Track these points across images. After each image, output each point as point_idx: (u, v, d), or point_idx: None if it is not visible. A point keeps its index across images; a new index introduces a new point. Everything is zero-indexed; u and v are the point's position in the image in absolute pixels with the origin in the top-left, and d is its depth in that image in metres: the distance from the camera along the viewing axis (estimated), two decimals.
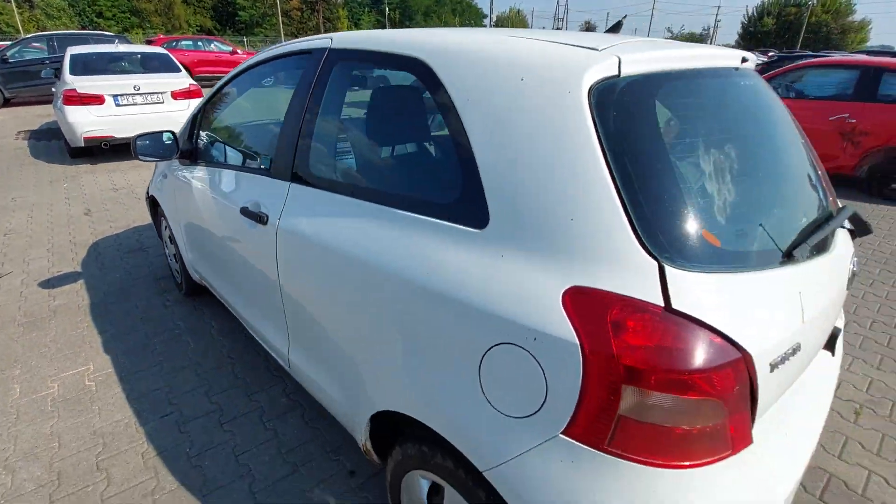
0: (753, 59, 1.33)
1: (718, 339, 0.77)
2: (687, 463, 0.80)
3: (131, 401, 2.15)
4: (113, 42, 10.09)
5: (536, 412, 0.87)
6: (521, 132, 0.95)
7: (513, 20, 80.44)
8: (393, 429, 1.34)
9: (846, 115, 5.22)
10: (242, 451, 1.88)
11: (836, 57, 5.78)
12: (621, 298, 0.80)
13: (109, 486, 1.73)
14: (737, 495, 0.85)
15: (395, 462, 1.30)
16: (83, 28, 37.34)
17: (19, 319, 2.77)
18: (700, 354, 0.76)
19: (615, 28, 1.67)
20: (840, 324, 1.52)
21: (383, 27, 62.26)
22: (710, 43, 74.53)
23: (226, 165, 2.02)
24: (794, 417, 1.11)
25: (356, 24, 63.92)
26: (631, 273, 0.81)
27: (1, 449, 1.87)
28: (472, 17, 72.42)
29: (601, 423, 0.80)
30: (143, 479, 1.75)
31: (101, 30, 39.42)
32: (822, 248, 1.03)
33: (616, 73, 0.93)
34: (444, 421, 1.03)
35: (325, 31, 59.16)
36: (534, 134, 0.94)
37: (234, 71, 2.12)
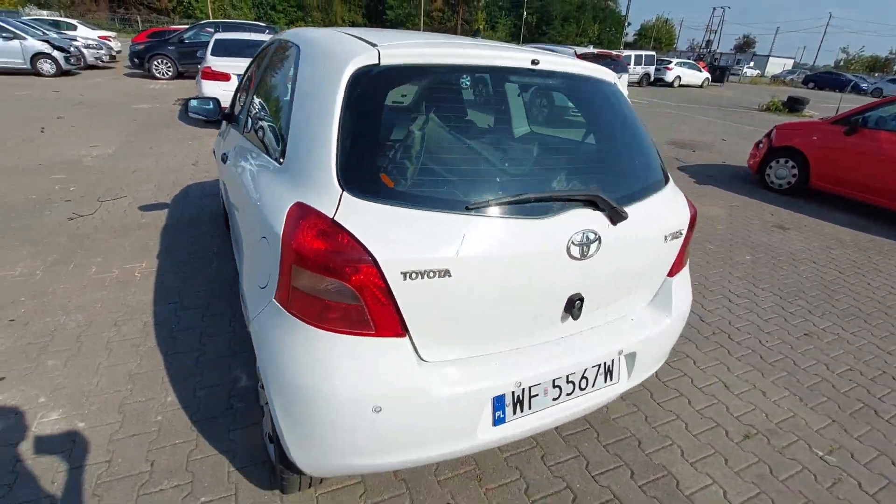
0: (564, 60, 1.55)
1: (354, 244, 1.12)
2: (335, 328, 1.17)
3: (156, 290, 2.93)
4: (263, 31, 12.01)
5: (267, 284, 1.29)
6: (313, 100, 1.36)
7: (658, 29, 75.49)
8: None
9: None
10: (207, 336, 2.52)
11: None
12: (308, 209, 1.18)
13: (116, 335, 2.47)
14: (381, 366, 1.18)
15: None
16: (258, 19, 43.72)
17: (116, 228, 3.79)
18: (339, 251, 1.12)
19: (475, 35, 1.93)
20: (608, 303, 1.57)
21: (519, 31, 62.65)
22: None
23: (234, 125, 2.68)
24: (509, 362, 1.37)
25: (493, 28, 65.24)
26: (325, 196, 1.19)
27: (67, 300, 2.74)
28: (614, 25, 69.41)
29: (285, 292, 1.20)
30: (138, 337, 2.47)
31: (271, 21, 45.52)
32: (531, 213, 1.27)
33: (376, 62, 1.30)
34: (245, 297, 1.49)
35: (462, 32, 61.52)
36: (316, 101, 1.34)
37: (257, 52, 2.76)
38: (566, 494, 1.78)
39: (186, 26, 14.84)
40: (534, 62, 1.45)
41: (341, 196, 1.17)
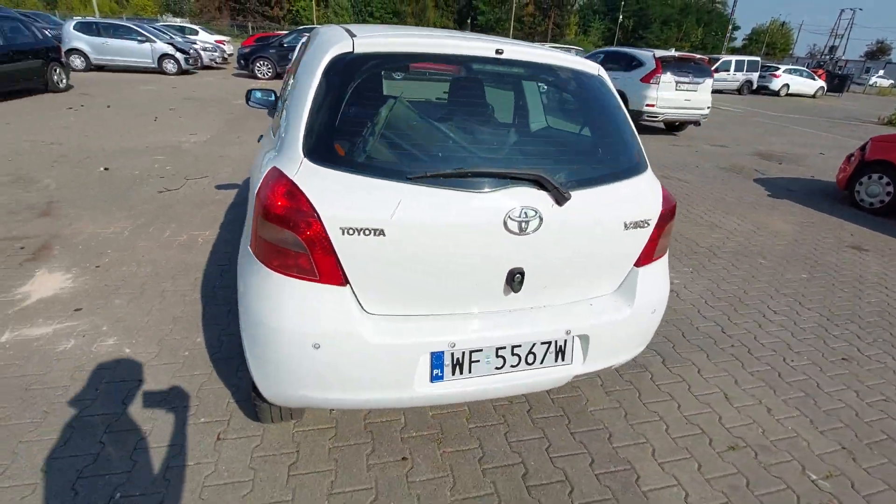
0: (533, 50, 1.65)
1: (304, 200, 1.32)
2: (287, 273, 1.38)
3: (212, 253, 3.39)
4: None
5: (247, 236, 1.54)
6: (301, 82, 1.59)
7: (773, 33, 68.70)
8: None
9: None
10: None
11: None
12: (278, 172, 1.41)
13: (171, 286, 2.93)
14: (321, 309, 1.38)
15: None
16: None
17: (194, 202, 4.40)
18: (291, 206, 1.33)
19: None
20: (561, 283, 1.63)
21: (613, 35, 60.37)
22: None
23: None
24: (448, 324, 1.50)
25: (584, 32, 63.48)
26: (291, 161, 1.41)
27: (143, 255, 3.28)
28: (719, 28, 64.20)
29: (255, 240, 1.44)
30: (187, 289, 2.91)
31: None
32: (469, 186, 1.38)
33: (350, 50, 1.50)
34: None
35: (553, 37, 60.54)
36: (302, 83, 1.57)
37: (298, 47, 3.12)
38: (518, 469, 1.86)
39: (286, 31, 16.30)
40: (498, 51, 1.56)
41: (302, 162, 1.39)
